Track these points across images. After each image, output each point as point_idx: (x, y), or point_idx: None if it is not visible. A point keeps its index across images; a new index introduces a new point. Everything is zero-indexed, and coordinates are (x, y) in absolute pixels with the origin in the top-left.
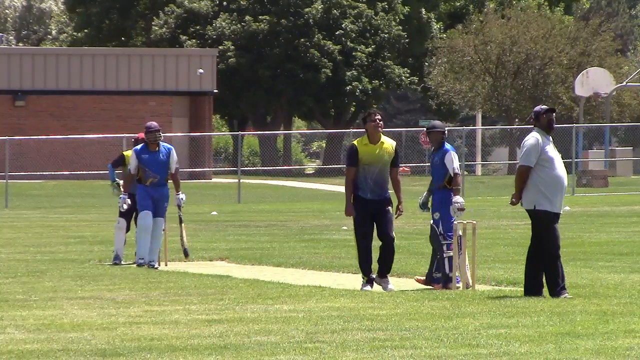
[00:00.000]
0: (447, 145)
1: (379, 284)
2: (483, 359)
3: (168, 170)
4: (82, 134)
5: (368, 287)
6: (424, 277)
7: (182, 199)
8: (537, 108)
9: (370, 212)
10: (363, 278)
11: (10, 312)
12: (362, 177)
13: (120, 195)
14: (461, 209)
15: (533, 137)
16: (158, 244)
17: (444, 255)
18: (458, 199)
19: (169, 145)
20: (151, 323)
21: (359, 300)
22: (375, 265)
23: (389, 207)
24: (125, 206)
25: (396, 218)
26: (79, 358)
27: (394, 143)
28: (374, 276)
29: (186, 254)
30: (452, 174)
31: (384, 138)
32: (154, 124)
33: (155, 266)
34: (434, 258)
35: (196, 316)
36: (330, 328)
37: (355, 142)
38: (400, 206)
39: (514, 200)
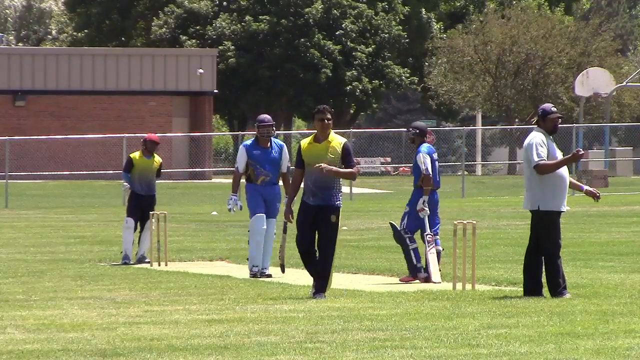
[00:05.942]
0: (423, 147)
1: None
2: (483, 359)
3: (280, 168)
4: (82, 134)
5: (319, 297)
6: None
7: None
8: (546, 107)
9: (311, 219)
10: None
11: (10, 312)
12: (305, 179)
13: (231, 196)
14: (421, 210)
15: (537, 136)
16: (270, 248)
17: (409, 248)
18: (425, 199)
19: (281, 142)
20: (151, 323)
21: (359, 300)
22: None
23: (333, 216)
24: (235, 209)
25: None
26: (79, 358)
27: (343, 141)
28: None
29: (283, 269)
30: (424, 175)
31: (333, 136)
32: (267, 117)
33: (267, 273)
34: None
35: (196, 316)
36: (330, 328)
37: (301, 141)
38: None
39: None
